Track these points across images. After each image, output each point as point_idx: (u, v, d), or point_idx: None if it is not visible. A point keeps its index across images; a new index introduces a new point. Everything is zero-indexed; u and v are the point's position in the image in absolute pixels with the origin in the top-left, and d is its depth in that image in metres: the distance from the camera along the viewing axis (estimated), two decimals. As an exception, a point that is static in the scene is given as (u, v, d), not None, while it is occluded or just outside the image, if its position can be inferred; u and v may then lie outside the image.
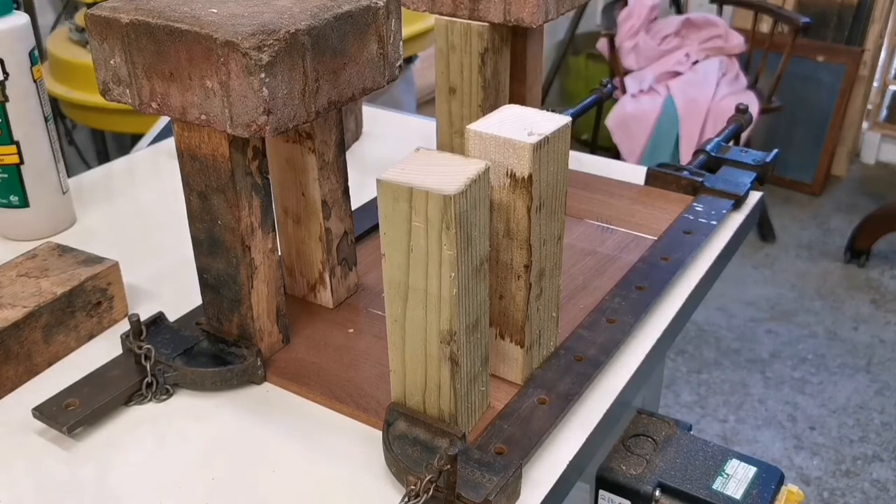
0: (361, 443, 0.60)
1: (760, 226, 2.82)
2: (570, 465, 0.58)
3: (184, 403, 0.64)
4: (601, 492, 0.67)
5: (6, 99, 0.79)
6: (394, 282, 0.55)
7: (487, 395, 0.61)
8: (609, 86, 1.11)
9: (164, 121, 1.57)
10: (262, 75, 0.52)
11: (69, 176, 0.90)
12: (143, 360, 0.63)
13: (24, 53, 0.79)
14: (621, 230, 0.84)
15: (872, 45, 3.10)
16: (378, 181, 0.52)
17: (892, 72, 3.27)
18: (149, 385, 0.63)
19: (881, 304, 2.53)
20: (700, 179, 0.89)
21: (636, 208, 0.88)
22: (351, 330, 0.70)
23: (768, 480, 0.65)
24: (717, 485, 0.65)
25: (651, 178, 0.92)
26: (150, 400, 0.64)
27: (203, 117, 0.56)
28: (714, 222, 0.83)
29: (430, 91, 2.19)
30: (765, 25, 2.96)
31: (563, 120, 0.57)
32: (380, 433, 0.58)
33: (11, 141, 0.80)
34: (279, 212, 0.70)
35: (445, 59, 0.85)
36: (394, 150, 1.04)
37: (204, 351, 0.66)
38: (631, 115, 2.61)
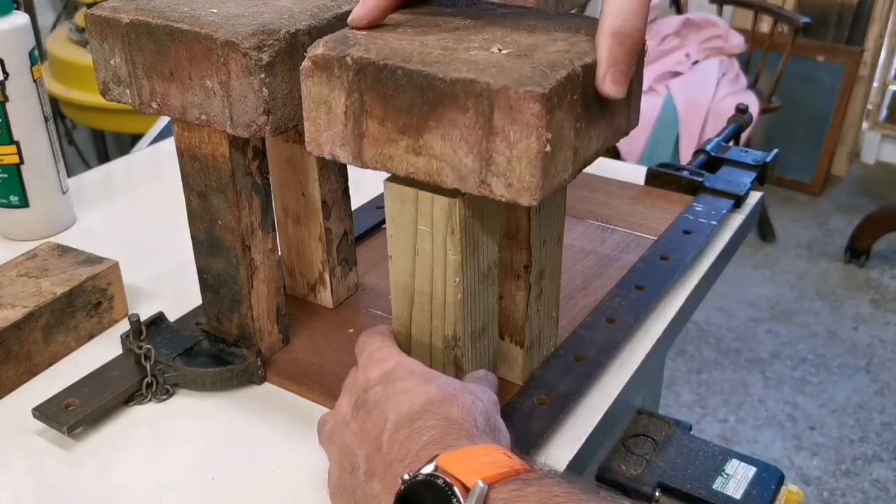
0: (361, 443, 0.60)
1: (760, 226, 2.82)
2: (569, 465, 0.58)
3: (184, 403, 0.64)
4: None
5: (6, 99, 0.79)
6: (400, 285, 0.55)
7: (492, 398, 0.61)
8: (609, 86, 1.11)
9: (164, 121, 1.57)
10: (263, 75, 0.52)
11: (69, 176, 0.90)
12: (143, 360, 0.63)
13: (24, 53, 0.79)
14: (621, 230, 0.84)
15: (872, 45, 3.10)
16: (385, 182, 0.52)
17: (892, 72, 3.27)
18: (149, 385, 0.63)
19: (881, 304, 2.53)
20: (700, 179, 0.89)
21: (636, 208, 0.87)
22: (351, 330, 0.70)
23: (768, 480, 0.65)
24: (717, 485, 0.65)
25: (651, 178, 0.92)
26: (150, 400, 0.64)
27: (203, 117, 0.56)
28: (714, 222, 0.83)
29: (430, 91, 2.18)
30: (765, 25, 2.96)
31: (563, 120, 0.57)
32: (380, 433, 0.58)
33: (11, 141, 0.80)
34: (279, 212, 0.70)
35: (445, 59, 0.85)
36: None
37: (204, 351, 0.66)
38: (631, 115, 2.60)
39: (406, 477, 0.43)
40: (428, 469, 0.43)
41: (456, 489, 0.41)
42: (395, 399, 0.49)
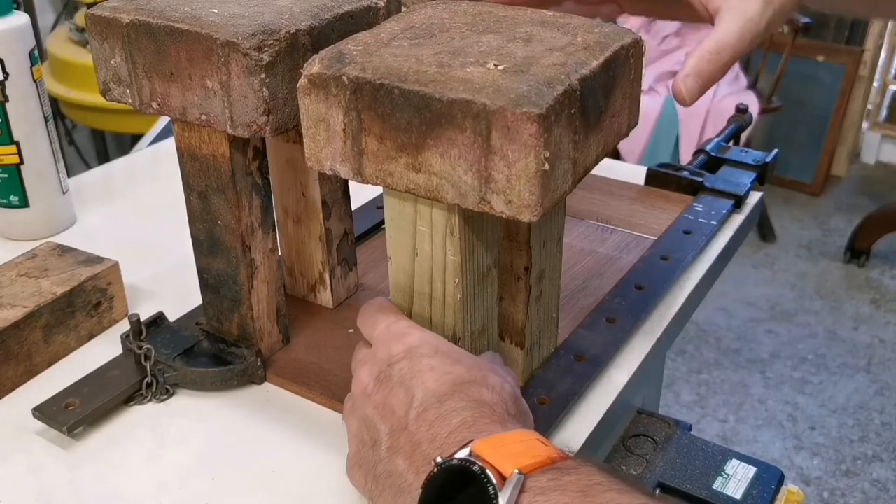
0: (361, 443, 0.60)
1: (760, 226, 2.82)
2: (570, 466, 0.58)
3: (184, 403, 0.64)
4: (601, 492, 0.67)
5: (6, 99, 0.79)
6: (399, 285, 0.55)
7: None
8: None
9: (164, 121, 1.57)
10: (263, 75, 0.52)
11: (69, 176, 0.90)
12: (143, 360, 0.63)
13: (24, 53, 0.79)
14: (621, 230, 0.84)
15: (872, 45, 3.11)
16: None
17: (892, 72, 3.27)
18: (149, 385, 0.63)
19: (881, 304, 2.53)
20: (700, 179, 0.89)
21: (636, 208, 0.87)
22: (351, 330, 0.70)
23: (768, 480, 0.65)
24: (717, 485, 0.65)
25: (651, 178, 0.92)
26: (150, 400, 0.64)
27: (203, 117, 0.56)
28: (714, 222, 0.83)
29: (430, 91, 2.18)
30: (765, 25, 2.95)
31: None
32: (380, 433, 0.58)
33: (11, 141, 0.80)
34: (279, 212, 0.70)
35: (445, 60, 0.85)
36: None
37: (204, 351, 0.66)
38: (631, 115, 2.60)
39: (439, 460, 0.42)
40: (462, 454, 0.42)
41: (491, 476, 0.40)
42: (422, 376, 0.48)
